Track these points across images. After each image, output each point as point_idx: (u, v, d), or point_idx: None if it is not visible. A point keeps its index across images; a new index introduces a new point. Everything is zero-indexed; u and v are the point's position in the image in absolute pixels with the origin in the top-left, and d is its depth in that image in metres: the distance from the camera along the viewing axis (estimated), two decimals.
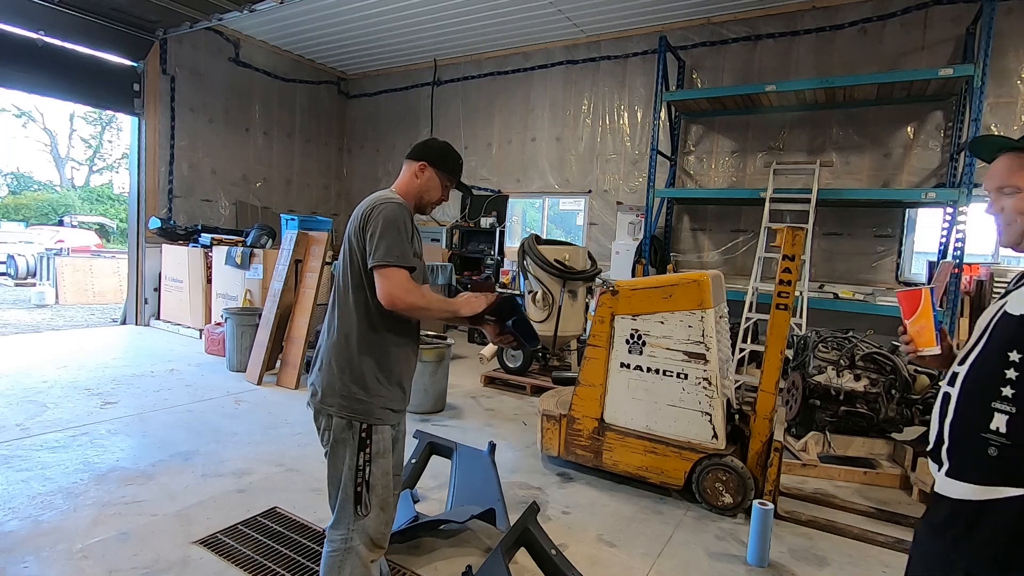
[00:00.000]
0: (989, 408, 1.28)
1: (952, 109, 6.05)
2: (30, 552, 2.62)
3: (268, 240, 7.40)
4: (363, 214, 1.90)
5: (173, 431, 4.23)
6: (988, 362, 1.31)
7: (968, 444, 1.32)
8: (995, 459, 1.26)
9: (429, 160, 2.04)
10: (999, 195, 1.38)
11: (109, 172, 29.94)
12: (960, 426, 1.34)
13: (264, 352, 5.65)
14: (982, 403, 1.30)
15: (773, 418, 3.26)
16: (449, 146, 2.13)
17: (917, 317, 1.54)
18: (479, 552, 2.79)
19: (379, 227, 1.84)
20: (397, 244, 1.84)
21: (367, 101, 10.57)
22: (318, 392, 1.94)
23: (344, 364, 1.90)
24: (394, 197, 1.95)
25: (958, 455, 1.34)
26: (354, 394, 1.89)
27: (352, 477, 1.88)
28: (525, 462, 3.99)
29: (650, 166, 6.93)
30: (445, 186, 2.09)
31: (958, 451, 1.34)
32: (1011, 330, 1.28)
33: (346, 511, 1.89)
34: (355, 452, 1.88)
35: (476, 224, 9.11)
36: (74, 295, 11.03)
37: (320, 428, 1.96)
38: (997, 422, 1.26)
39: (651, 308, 3.49)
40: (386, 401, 1.93)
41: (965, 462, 1.32)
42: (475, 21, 7.79)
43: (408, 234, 1.89)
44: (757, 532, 2.83)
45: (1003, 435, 1.25)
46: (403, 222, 1.87)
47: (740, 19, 7.02)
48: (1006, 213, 1.37)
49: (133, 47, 7.78)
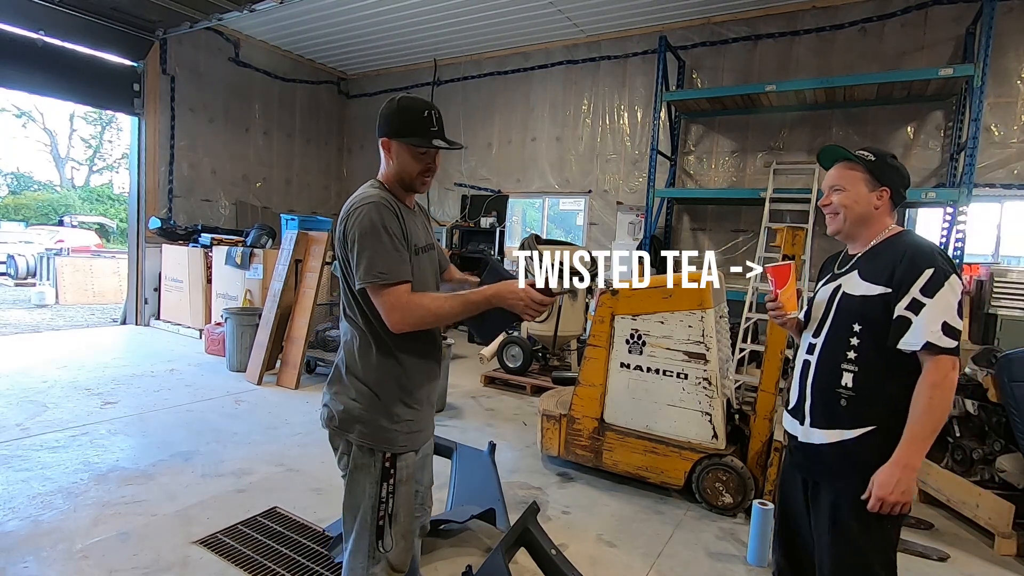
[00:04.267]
0: (839, 369, 1.69)
1: (952, 109, 6.05)
2: (30, 552, 2.62)
3: (268, 240, 7.40)
4: (341, 222, 1.66)
5: (173, 431, 4.23)
6: (837, 333, 1.71)
7: (826, 399, 1.72)
8: (845, 408, 1.67)
9: (387, 133, 1.69)
10: (831, 191, 1.78)
11: (109, 172, 29.96)
12: (819, 386, 1.74)
13: (264, 352, 5.65)
14: (833, 365, 1.70)
15: (773, 418, 3.26)
16: (404, 104, 1.68)
17: (787, 287, 1.85)
18: (479, 552, 2.79)
19: (355, 240, 1.60)
20: (380, 257, 1.58)
21: (367, 101, 10.57)
22: (335, 416, 1.72)
23: (363, 389, 1.70)
24: (370, 195, 1.65)
25: (819, 408, 1.73)
26: (377, 422, 1.69)
27: (373, 508, 1.69)
28: (525, 462, 3.99)
29: (650, 166, 6.93)
30: (421, 154, 1.69)
31: (819, 405, 1.74)
32: (852, 307, 1.69)
33: (364, 540, 1.71)
34: (377, 482, 1.69)
35: (476, 224, 9.10)
36: (74, 295, 11.03)
37: (337, 451, 1.76)
38: (846, 379, 1.68)
39: (651, 308, 3.49)
40: (413, 425, 1.75)
41: (824, 413, 1.72)
42: (475, 21, 7.79)
43: (394, 235, 1.62)
44: (757, 532, 2.83)
45: (850, 389, 1.67)
46: (382, 225, 1.60)
47: (740, 19, 7.02)
48: (833, 206, 1.77)
49: (133, 47, 7.77)
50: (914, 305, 1.57)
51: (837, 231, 1.79)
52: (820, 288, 1.86)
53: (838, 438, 1.68)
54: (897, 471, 1.56)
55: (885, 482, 1.56)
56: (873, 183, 1.72)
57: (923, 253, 1.61)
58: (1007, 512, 3.01)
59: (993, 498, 3.09)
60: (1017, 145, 5.73)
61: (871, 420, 1.64)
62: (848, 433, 1.67)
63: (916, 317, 1.56)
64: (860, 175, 1.73)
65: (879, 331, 1.62)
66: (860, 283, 1.69)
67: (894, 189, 1.73)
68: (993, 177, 5.81)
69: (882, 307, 1.62)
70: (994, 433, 3.33)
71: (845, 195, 1.74)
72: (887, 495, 1.56)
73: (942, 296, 1.55)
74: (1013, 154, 5.74)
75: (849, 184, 1.74)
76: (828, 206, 1.79)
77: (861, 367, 1.65)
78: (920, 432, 1.56)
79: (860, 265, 1.72)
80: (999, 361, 3.22)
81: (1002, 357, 3.22)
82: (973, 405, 3.42)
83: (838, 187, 1.76)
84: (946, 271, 1.57)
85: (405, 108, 1.68)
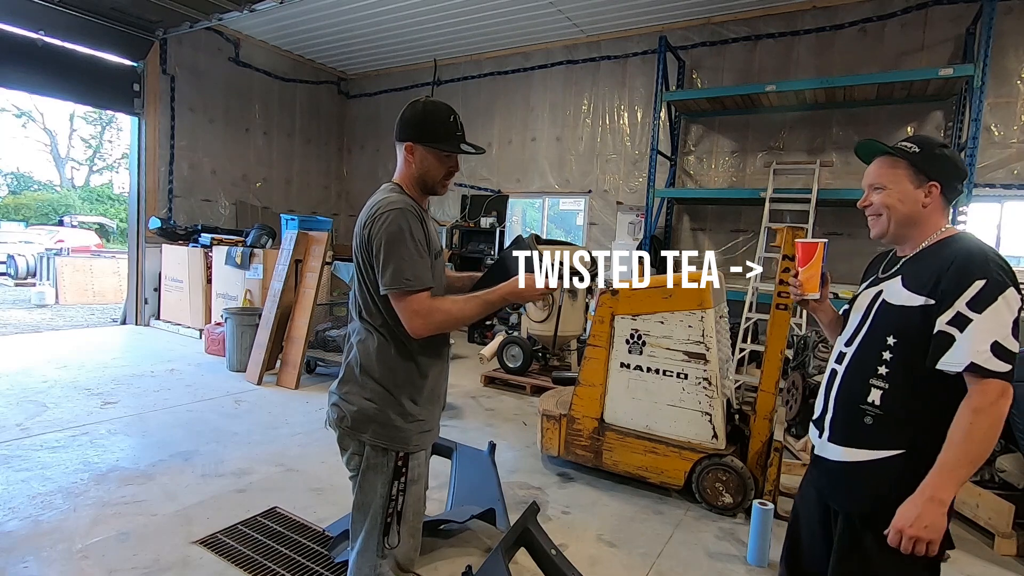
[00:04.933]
0: (868, 384, 1.52)
1: (952, 109, 6.05)
2: (30, 552, 2.62)
3: (268, 240, 7.40)
4: (365, 227, 1.67)
5: (173, 431, 4.23)
6: (870, 344, 1.54)
7: (849, 414, 1.55)
8: (870, 427, 1.50)
9: (412, 138, 1.71)
10: (871, 191, 1.60)
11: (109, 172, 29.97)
12: (844, 399, 1.58)
13: (264, 352, 5.65)
14: (862, 379, 1.53)
15: (773, 418, 3.26)
16: (429, 108, 1.72)
17: (809, 266, 1.73)
18: (479, 552, 2.79)
19: (382, 245, 1.61)
20: (407, 263, 1.60)
21: (367, 101, 10.57)
22: (346, 417, 1.72)
23: (378, 389, 1.71)
24: (394, 201, 1.67)
25: (840, 423, 1.58)
26: (391, 422, 1.70)
27: (383, 506, 1.71)
28: (525, 462, 3.99)
29: (650, 166, 6.93)
30: (445, 157, 1.74)
31: (840, 419, 1.58)
32: (890, 317, 1.51)
33: (373, 540, 1.73)
34: (388, 480, 1.71)
35: (476, 224, 9.10)
36: (74, 295, 11.03)
37: (347, 452, 1.76)
38: (873, 396, 1.50)
39: (651, 308, 3.49)
40: (425, 424, 1.77)
41: (845, 429, 1.56)
42: (475, 21, 7.79)
43: (418, 241, 1.65)
44: (757, 532, 2.83)
45: (877, 407, 1.49)
46: (409, 231, 1.62)
47: (740, 19, 7.01)
48: (874, 207, 1.58)
49: (133, 47, 7.77)
50: (959, 320, 1.36)
51: (881, 235, 1.59)
52: (862, 291, 1.67)
53: (853, 458, 1.51)
54: (920, 503, 1.36)
55: (906, 514, 1.37)
56: (919, 178, 1.52)
57: (974, 261, 1.38)
58: (1007, 512, 3.01)
59: (993, 498, 3.09)
60: (1017, 145, 5.73)
61: (897, 444, 1.46)
62: (867, 454, 1.49)
63: (960, 334, 1.35)
64: (903, 171, 1.53)
65: (915, 347, 1.43)
66: (901, 291, 1.50)
67: (945, 183, 1.51)
68: (993, 177, 5.81)
69: (921, 319, 1.43)
70: None
71: (887, 194, 1.54)
72: (905, 528, 1.37)
73: (993, 312, 1.33)
74: (1013, 154, 5.74)
75: (891, 181, 1.54)
76: (869, 207, 1.59)
77: (892, 384, 1.47)
78: (953, 462, 1.34)
79: (904, 271, 1.54)
80: None
81: None
82: None
83: (879, 185, 1.57)
84: (1001, 283, 1.35)
85: (431, 112, 1.71)
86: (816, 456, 1.68)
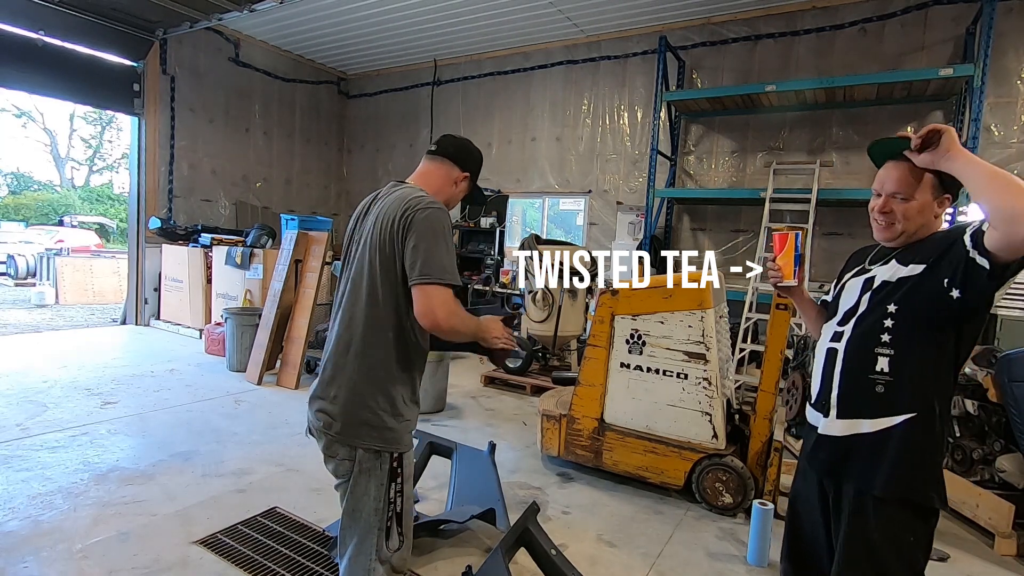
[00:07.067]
0: (873, 353, 1.56)
1: (952, 109, 6.05)
2: (30, 552, 2.62)
3: (268, 240, 7.40)
4: (402, 218, 1.66)
5: (173, 431, 4.23)
6: (870, 318, 1.58)
7: (859, 386, 1.58)
8: (882, 395, 1.54)
9: (473, 172, 1.92)
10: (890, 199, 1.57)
11: (109, 172, 29.97)
12: (851, 372, 1.60)
13: (264, 352, 5.65)
14: (866, 351, 1.57)
15: (773, 418, 3.26)
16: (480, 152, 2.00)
17: (783, 254, 1.83)
18: (479, 552, 2.79)
19: (426, 237, 1.63)
20: (447, 258, 1.64)
21: (367, 101, 10.57)
22: (335, 422, 1.69)
23: (376, 391, 1.68)
24: (435, 200, 1.71)
25: (849, 397, 1.60)
26: (384, 423, 1.68)
27: (382, 510, 1.69)
28: (525, 462, 3.99)
29: (650, 166, 6.93)
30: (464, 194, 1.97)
31: (850, 393, 1.60)
32: (889, 290, 1.56)
33: (369, 543, 1.69)
34: (384, 483, 1.69)
35: (476, 224, 9.10)
36: (74, 295, 11.03)
37: (336, 458, 1.71)
38: (881, 363, 1.54)
39: (651, 308, 3.49)
40: (412, 423, 1.78)
41: (856, 402, 1.59)
42: (475, 21, 7.79)
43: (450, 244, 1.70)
44: (757, 532, 2.83)
45: (887, 374, 1.53)
46: (449, 233, 1.69)
47: (740, 19, 7.01)
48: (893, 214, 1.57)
49: (133, 47, 7.77)
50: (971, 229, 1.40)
51: (890, 239, 1.61)
52: (848, 280, 1.71)
53: (868, 428, 1.55)
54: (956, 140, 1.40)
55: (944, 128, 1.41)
56: (940, 189, 1.53)
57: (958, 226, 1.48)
58: (1007, 512, 3.01)
59: (993, 498, 3.09)
60: (1017, 145, 5.73)
61: (910, 407, 1.51)
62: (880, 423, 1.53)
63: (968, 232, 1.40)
64: (929, 183, 1.53)
65: (915, 307, 1.50)
66: (900, 268, 1.55)
67: (956, 196, 1.57)
68: None
69: (921, 279, 1.49)
70: (994, 433, 3.33)
71: (910, 206, 1.54)
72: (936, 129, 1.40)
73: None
74: (1013, 154, 5.74)
75: (916, 193, 1.54)
76: (888, 214, 1.58)
77: (897, 349, 1.52)
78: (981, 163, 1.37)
79: (898, 256, 1.59)
80: (999, 361, 3.22)
81: (1002, 357, 3.22)
82: (973, 405, 3.42)
83: (902, 195, 1.55)
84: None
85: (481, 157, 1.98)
86: (821, 437, 1.66)
